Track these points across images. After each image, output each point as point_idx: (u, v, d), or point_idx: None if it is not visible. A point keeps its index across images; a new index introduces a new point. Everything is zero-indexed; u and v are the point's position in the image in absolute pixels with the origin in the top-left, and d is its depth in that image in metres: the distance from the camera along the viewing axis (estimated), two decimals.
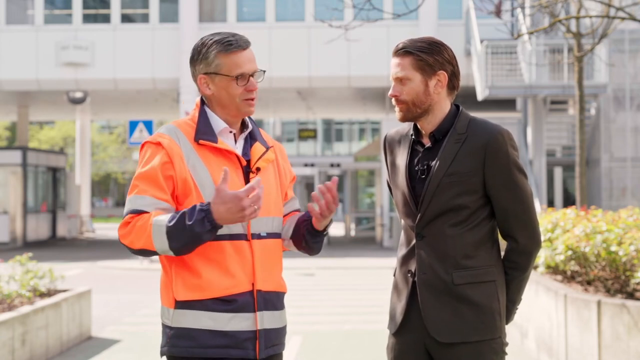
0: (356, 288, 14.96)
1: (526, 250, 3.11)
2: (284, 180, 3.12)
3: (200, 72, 2.97)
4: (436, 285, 3.05)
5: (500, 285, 3.09)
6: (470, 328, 3.03)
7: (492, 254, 3.09)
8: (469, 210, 3.05)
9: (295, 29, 25.04)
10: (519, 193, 3.07)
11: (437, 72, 3.08)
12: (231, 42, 2.94)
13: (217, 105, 2.99)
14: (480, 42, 22.03)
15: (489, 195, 3.07)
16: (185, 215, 2.77)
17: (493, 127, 3.07)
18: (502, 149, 3.04)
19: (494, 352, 3.06)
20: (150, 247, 2.81)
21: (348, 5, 7.70)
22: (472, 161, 3.04)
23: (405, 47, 3.08)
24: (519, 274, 3.13)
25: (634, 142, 23.37)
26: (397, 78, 3.09)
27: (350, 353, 8.64)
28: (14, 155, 27.99)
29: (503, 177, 3.05)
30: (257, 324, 2.91)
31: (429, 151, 3.11)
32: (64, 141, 50.99)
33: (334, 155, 55.34)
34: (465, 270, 3.04)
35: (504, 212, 3.08)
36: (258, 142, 3.04)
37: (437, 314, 3.04)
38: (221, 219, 2.76)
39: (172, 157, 2.89)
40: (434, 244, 3.05)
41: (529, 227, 3.10)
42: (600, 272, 7.48)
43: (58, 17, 26.60)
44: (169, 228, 2.78)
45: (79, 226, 33.09)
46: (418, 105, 3.08)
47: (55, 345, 8.53)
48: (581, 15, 10.26)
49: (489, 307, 3.04)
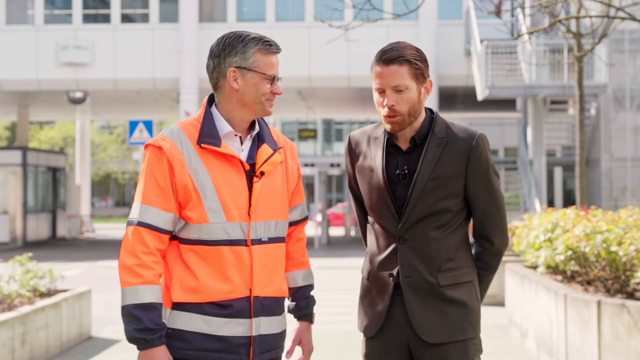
0: (356, 288, 14.92)
1: (499, 251, 3.21)
2: (291, 182, 3.10)
3: (232, 65, 2.92)
4: (422, 287, 3.07)
5: (476, 285, 3.17)
6: (457, 327, 3.07)
7: (468, 255, 3.16)
8: (451, 214, 3.09)
9: (295, 29, 25.04)
10: (496, 195, 3.14)
11: (426, 80, 3.09)
12: (270, 43, 2.95)
13: (237, 101, 2.95)
14: (480, 42, 22.03)
15: (468, 198, 3.12)
16: (142, 321, 2.83)
17: (473, 131, 3.11)
18: (483, 154, 3.09)
19: (477, 349, 3.13)
20: (121, 284, 2.89)
21: (348, 5, 7.69)
22: (456, 165, 3.07)
23: (401, 55, 3.04)
24: (489, 274, 3.22)
25: (634, 142, 23.38)
26: (393, 87, 3.04)
27: (350, 353, 8.64)
28: (14, 155, 27.99)
29: (483, 181, 3.10)
30: (252, 330, 2.91)
31: (408, 155, 3.11)
32: (64, 141, 51.01)
33: (334, 155, 55.31)
34: (448, 271, 3.08)
35: (482, 214, 3.14)
36: (265, 144, 3.00)
37: (424, 316, 3.07)
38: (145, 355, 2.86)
39: (173, 163, 2.88)
40: (417, 247, 3.07)
41: (503, 228, 3.19)
42: (600, 272, 7.48)
43: (58, 17, 26.61)
44: (128, 309, 2.85)
45: (79, 226, 33.09)
46: (413, 115, 3.06)
47: (55, 345, 8.53)
48: (581, 15, 10.25)
49: (472, 307, 3.11)
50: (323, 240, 26.51)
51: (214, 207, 2.88)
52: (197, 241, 2.89)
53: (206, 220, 2.87)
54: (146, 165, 2.92)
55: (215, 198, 2.88)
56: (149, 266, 2.85)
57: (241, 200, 2.91)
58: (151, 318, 2.82)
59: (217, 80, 2.96)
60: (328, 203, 33.65)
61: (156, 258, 2.88)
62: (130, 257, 2.85)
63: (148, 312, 2.82)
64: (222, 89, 2.96)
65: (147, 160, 2.92)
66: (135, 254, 2.85)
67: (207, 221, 2.87)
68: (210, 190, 2.88)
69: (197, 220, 2.88)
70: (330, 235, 28.18)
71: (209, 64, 2.97)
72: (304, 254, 3.20)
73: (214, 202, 2.88)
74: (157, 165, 2.89)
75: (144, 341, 2.82)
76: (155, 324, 2.83)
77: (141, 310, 2.82)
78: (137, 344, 2.84)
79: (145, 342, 2.82)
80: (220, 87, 2.96)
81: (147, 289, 2.83)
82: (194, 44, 24.43)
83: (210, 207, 2.88)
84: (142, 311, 2.82)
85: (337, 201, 53.00)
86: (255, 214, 2.93)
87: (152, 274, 2.85)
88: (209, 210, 2.87)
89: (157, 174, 2.89)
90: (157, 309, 2.85)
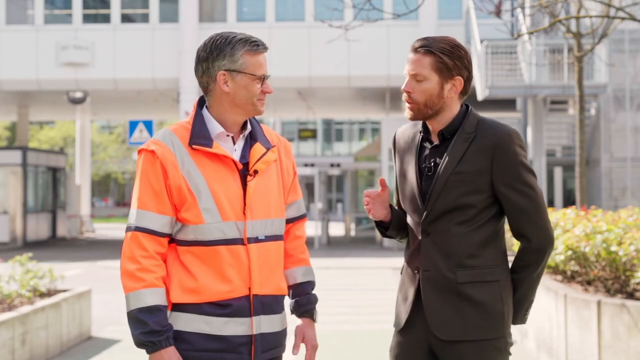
0: (356, 288, 14.96)
1: (539, 248, 3.09)
2: (286, 180, 3.10)
3: (222, 68, 2.92)
4: (439, 282, 3.05)
5: (504, 286, 3.08)
6: (472, 327, 3.03)
7: (497, 254, 3.09)
8: (475, 210, 3.04)
9: (295, 29, 25.04)
10: (528, 192, 3.06)
11: (454, 77, 3.06)
12: (257, 43, 2.94)
13: (229, 103, 2.95)
14: (480, 42, 22.03)
15: (497, 195, 3.06)
16: (148, 325, 2.83)
17: (502, 127, 3.07)
18: (509, 149, 3.03)
19: (497, 351, 3.06)
20: (124, 290, 2.87)
21: (348, 5, 7.69)
22: (481, 160, 3.03)
23: (427, 45, 3.04)
24: (531, 273, 3.11)
25: (634, 142, 23.38)
26: (413, 75, 3.06)
27: (350, 353, 8.64)
28: (14, 155, 27.99)
29: (511, 177, 3.04)
30: (253, 329, 2.91)
31: (436, 149, 3.11)
32: (64, 141, 50.99)
33: (334, 155, 55.34)
34: (469, 269, 3.03)
35: (514, 211, 3.07)
36: (258, 143, 3.00)
37: (439, 311, 3.05)
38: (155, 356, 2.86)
39: (166, 166, 2.89)
40: (439, 241, 3.05)
41: (541, 225, 3.08)
42: (600, 272, 7.48)
43: (58, 17, 26.61)
44: (133, 314, 2.85)
45: (79, 226, 33.08)
46: (430, 107, 3.06)
47: (55, 345, 8.53)
48: (581, 15, 10.26)
49: (492, 307, 3.04)
50: (323, 240, 26.50)
51: (209, 207, 2.88)
52: (194, 242, 2.90)
53: (202, 221, 2.88)
54: (140, 171, 2.93)
55: (210, 198, 2.88)
56: (150, 270, 2.86)
57: (236, 199, 2.91)
58: (157, 320, 2.83)
59: (207, 84, 2.96)
60: (328, 203, 33.64)
61: (157, 261, 2.88)
62: (131, 262, 2.86)
63: (153, 315, 2.83)
64: (212, 92, 2.96)
65: (141, 166, 2.93)
66: (135, 258, 2.86)
67: (202, 222, 2.88)
68: (205, 190, 2.88)
69: (193, 221, 2.88)
70: (330, 235, 28.16)
71: (197, 68, 2.97)
72: (304, 251, 3.19)
73: (208, 202, 2.88)
74: (150, 170, 2.90)
75: (151, 344, 2.83)
76: (161, 325, 2.83)
77: (146, 314, 2.82)
78: (146, 348, 2.84)
79: (153, 344, 2.83)
80: (211, 90, 2.96)
81: (150, 292, 2.84)
82: (194, 44, 24.40)
83: (205, 207, 2.88)
84: (147, 314, 2.82)
85: (337, 201, 52.99)
86: (250, 212, 2.93)
87: (153, 277, 2.85)
88: (204, 211, 2.88)
89: (151, 178, 2.90)
90: (162, 311, 2.85)
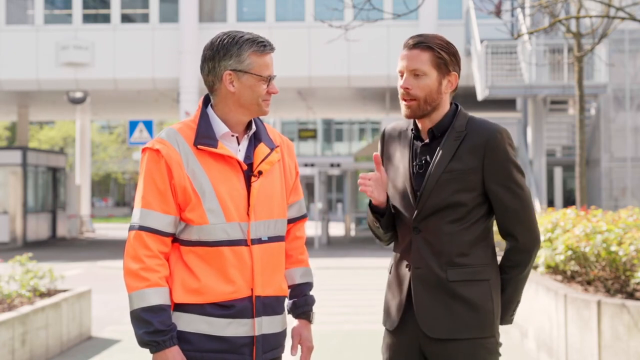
0: (356, 288, 14.96)
1: (526, 248, 3.10)
2: (289, 180, 3.10)
3: (228, 68, 2.90)
4: (430, 280, 3.05)
5: (494, 285, 3.09)
6: (462, 325, 3.03)
7: (487, 253, 3.09)
8: (466, 208, 3.05)
9: (295, 29, 25.04)
10: (518, 191, 3.07)
11: (451, 73, 3.09)
12: (265, 44, 2.93)
13: (234, 103, 2.94)
14: (480, 42, 22.03)
15: (487, 193, 3.08)
16: (152, 324, 2.82)
17: (492, 125, 3.09)
18: (500, 147, 3.05)
19: (487, 351, 3.06)
20: (127, 290, 2.87)
21: (348, 5, 7.69)
22: (472, 159, 3.05)
23: (424, 41, 3.06)
24: (518, 273, 3.12)
25: (634, 142, 23.38)
26: (411, 70, 3.06)
27: (350, 353, 8.64)
28: (14, 155, 27.99)
29: (501, 175, 3.05)
30: (255, 330, 2.91)
31: (426, 147, 3.12)
32: (64, 141, 50.99)
33: (334, 155, 55.33)
34: (460, 267, 3.04)
35: (503, 210, 3.08)
36: (262, 143, 3.00)
37: (429, 309, 3.04)
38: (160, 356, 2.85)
39: (171, 165, 2.88)
40: (430, 239, 3.06)
41: (528, 225, 3.09)
42: (600, 272, 7.48)
43: (58, 17, 26.61)
44: (136, 313, 2.85)
45: (79, 226, 33.08)
46: (429, 103, 3.07)
47: (55, 345, 8.53)
48: (581, 15, 10.25)
49: (482, 306, 3.04)
50: (323, 240, 26.50)
51: (213, 207, 2.87)
52: (197, 242, 2.89)
53: (206, 222, 2.87)
54: (144, 170, 2.91)
55: (214, 199, 2.88)
56: (153, 269, 2.85)
57: (240, 200, 2.91)
58: (161, 320, 2.82)
59: (212, 83, 2.95)
60: (328, 203, 33.64)
61: (160, 261, 2.87)
62: (134, 261, 2.85)
63: (157, 314, 2.82)
64: (218, 91, 2.96)
65: (145, 164, 2.92)
66: (139, 258, 2.85)
67: (206, 222, 2.87)
68: (209, 191, 2.88)
69: (197, 222, 2.87)
70: (330, 235, 28.16)
71: (203, 67, 2.96)
72: (303, 251, 3.19)
73: (212, 202, 2.87)
74: (155, 169, 2.89)
75: (155, 344, 2.82)
76: (165, 325, 2.82)
77: (150, 313, 2.82)
78: (150, 348, 2.83)
79: (157, 344, 2.82)
80: (216, 90, 2.95)
81: (153, 291, 2.83)
82: (194, 44, 24.42)
83: (209, 208, 2.87)
84: (151, 314, 2.82)
85: (337, 201, 52.98)
86: (254, 213, 2.92)
87: (157, 276, 2.85)
88: (208, 212, 2.87)
89: (156, 177, 2.89)
90: (166, 310, 2.84)
